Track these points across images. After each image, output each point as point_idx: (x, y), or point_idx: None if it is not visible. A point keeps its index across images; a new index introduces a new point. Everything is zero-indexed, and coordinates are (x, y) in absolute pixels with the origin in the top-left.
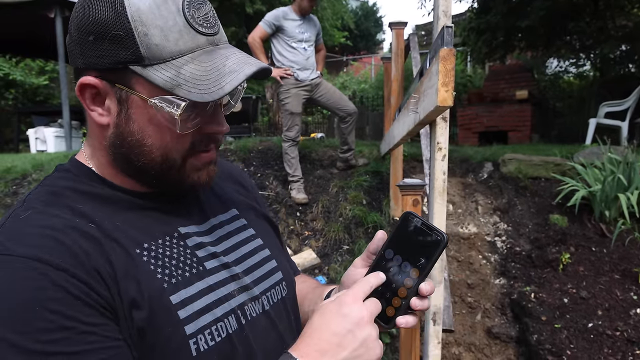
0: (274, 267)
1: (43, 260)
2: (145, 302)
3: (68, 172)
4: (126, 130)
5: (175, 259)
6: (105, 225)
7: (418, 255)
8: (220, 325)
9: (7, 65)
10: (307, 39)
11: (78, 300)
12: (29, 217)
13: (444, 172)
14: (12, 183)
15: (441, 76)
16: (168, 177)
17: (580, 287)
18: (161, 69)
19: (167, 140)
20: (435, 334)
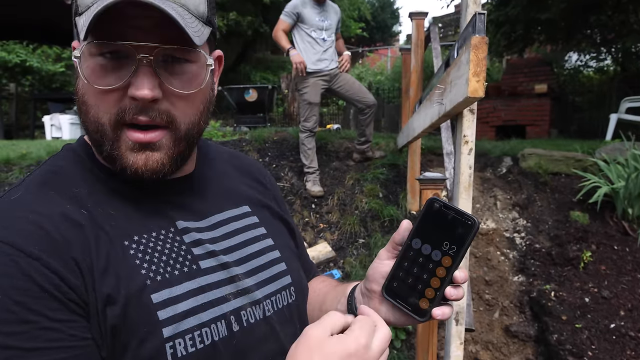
0: (282, 270)
1: (16, 245)
2: (122, 298)
3: (72, 152)
4: (77, 90)
5: (167, 255)
6: (97, 212)
7: (448, 242)
8: (205, 331)
9: (23, 52)
10: (327, 27)
11: (46, 293)
12: (18, 199)
13: (470, 166)
14: (27, 170)
15: (472, 65)
16: (103, 147)
17: (602, 286)
18: (84, 15)
19: (94, 96)
20: (458, 334)
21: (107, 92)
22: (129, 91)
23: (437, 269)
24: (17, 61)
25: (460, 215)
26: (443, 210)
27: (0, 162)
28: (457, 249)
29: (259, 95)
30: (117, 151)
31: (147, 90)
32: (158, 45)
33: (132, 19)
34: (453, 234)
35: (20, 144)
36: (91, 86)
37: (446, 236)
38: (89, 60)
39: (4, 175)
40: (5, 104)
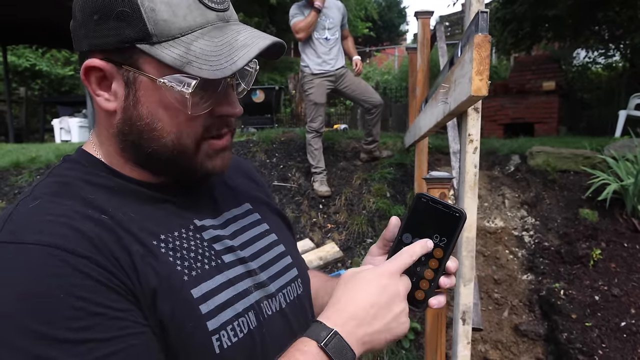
0: (289, 263)
1: (60, 246)
2: (167, 293)
3: (76, 162)
4: (135, 115)
5: (194, 251)
6: (118, 216)
7: (439, 234)
8: (242, 321)
9: (33, 56)
10: (330, 25)
11: (103, 286)
12: (39, 206)
13: (475, 165)
14: (36, 173)
15: (475, 64)
16: (180, 164)
17: (612, 284)
18: (170, 46)
19: (178, 123)
20: (465, 333)
21: (197, 117)
22: (222, 110)
23: (429, 261)
24: (26, 65)
25: (447, 208)
26: (431, 205)
27: (11, 165)
28: (447, 240)
29: (266, 96)
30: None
31: (240, 108)
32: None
33: None
34: (442, 226)
35: (30, 147)
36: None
37: (436, 229)
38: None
39: (14, 179)
40: (16, 107)
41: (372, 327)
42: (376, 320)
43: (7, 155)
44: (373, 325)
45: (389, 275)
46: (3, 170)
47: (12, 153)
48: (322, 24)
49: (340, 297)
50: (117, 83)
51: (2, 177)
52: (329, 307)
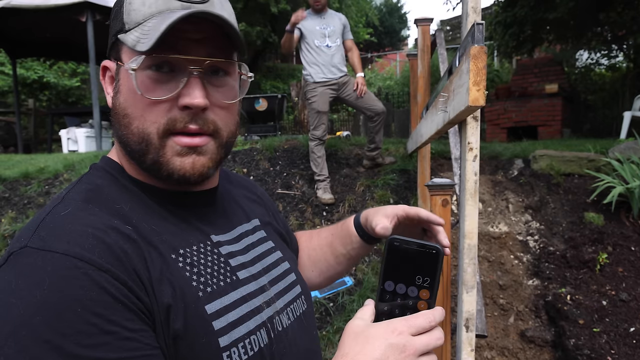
0: (294, 280)
1: (85, 258)
2: (181, 309)
3: (103, 170)
4: (117, 104)
5: (210, 267)
6: (142, 227)
7: (420, 275)
8: (253, 339)
9: (41, 68)
10: (330, 33)
11: (120, 304)
12: (70, 214)
13: (475, 173)
14: (45, 183)
15: (472, 75)
16: (148, 159)
17: (620, 288)
18: (133, 32)
19: (142, 108)
20: (468, 340)
21: (156, 103)
22: (182, 101)
23: (417, 303)
24: (35, 77)
25: (423, 247)
26: (405, 247)
27: (20, 176)
28: (430, 279)
29: (269, 104)
30: (163, 157)
31: (201, 99)
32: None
33: (184, 32)
34: (422, 266)
35: (39, 158)
36: (142, 98)
37: (416, 270)
38: (138, 73)
39: (24, 189)
40: (24, 119)
41: None
42: None
43: (16, 165)
44: None
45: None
46: (13, 181)
47: (21, 164)
48: (323, 32)
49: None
50: (115, 78)
51: (12, 187)
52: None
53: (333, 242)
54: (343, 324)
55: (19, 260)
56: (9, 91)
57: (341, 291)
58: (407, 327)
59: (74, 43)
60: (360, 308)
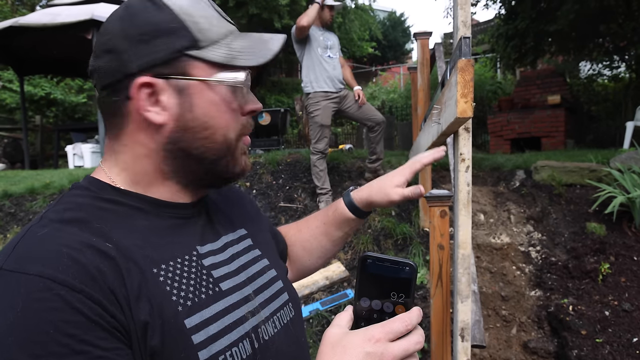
0: (280, 288)
1: (58, 280)
2: (158, 325)
3: (86, 189)
4: (190, 119)
5: (193, 279)
6: (122, 243)
7: (395, 291)
8: (235, 351)
9: (48, 85)
10: (331, 46)
11: (93, 323)
12: (46, 234)
13: (468, 183)
14: (50, 198)
15: (460, 87)
16: (222, 162)
17: (623, 299)
18: (215, 48)
19: (227, 118)
20: (464, 350)
21: (235, 111)
22: (250, 106)
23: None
24: (42, 94)
25: (396, 264)
26: (378, 264)
27: (26, 191)
28: (405, 295)
29: (272, 118)
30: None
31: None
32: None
33: None
34: (396, 282)
35: (45, 173)
36: (227, 108)
37: (391, 287)
38: (215, 87)
39: (29, 204)
40: (31, 135)
41: None
42: None
43: (22, 181)
44: None
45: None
46: (18, 196)
47: (27, 179)
48: (325, 43)
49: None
50: (166, 95)
51: (18, 202)
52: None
53: (328, 230)
54: None
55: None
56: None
57: (342, 303)
58: (384, 333)
59: (80, 60)
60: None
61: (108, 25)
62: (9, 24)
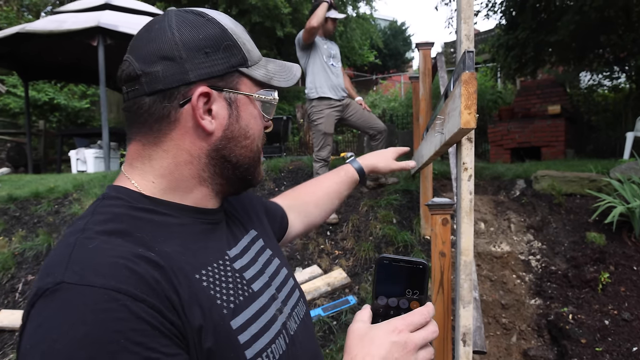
0: (293, 285)
1: (122, 290)
2: (211, 329)
3: (119, 199)
4: (236, 129)
5: (231, 282)
6: (165, 251)
7: (410, 289)
8: (274, 347)
9: (52, 90)
10: (334, 55)
11: (156, 330)
12: (97, 247)
13: (470, 192)
14: (55, 202)
15: (463, 99)
16: (251, 169)
17: (622, 308)
18: (257, 68)
19: (260, 130)
20: (466, 355)
21: (262, 124)
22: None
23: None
24: (45, 99)
25: (410, 263)
26: (393, 264)
27: (31, 195)
28: (419, 292)
29: (274, 125)
30: (259, 167)
31: None
32: None
33: None
34: (411, 280)
35: (49, 177)
36: (262, 121)
37: (405, 284)
38: (255, 102)
39: (34, 208)
40: (35, 139)
41: None
42: None
43: (27, 185)
44: None
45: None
46: (23, 200)
47: (32, 183)
48: (329, 51)
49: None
50: (218, 105)
51: (23, 206)
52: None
53: (339, 189)
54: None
55: (57, 296)
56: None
57: (344, 310)
58: (405, 325)
59: (84, 66)
60: (358, 311)
61: (164, 33)
62: (16, 30)
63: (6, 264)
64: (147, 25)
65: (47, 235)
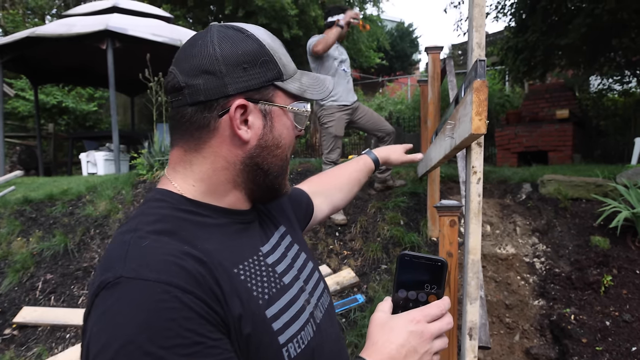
0: (318, 277)
1: (174, 284)
2: (249, 317)
3: (163, 201)
4: (270, 138)
5: (265, 276)
6: (207, 249)
7: (428, 283)
8: (303, 334)
9: (60, 93)
10: (344, 59)
11: (203, 319)
12: (149, 245)
13: (479, 194)
14: (69, 204)
15: (475, 106)
16: (280, 177)
17: (624, 310)
18: (291, 82)
19: (291, 139)
20: (472, 348)
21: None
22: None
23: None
24: (54, 102)
25: (430, 261)
26: (414, 261)
27: (45, 197)
28: (437, 287)
29: None
30: (286, 176)
31: None
32: None
33: None
34: (429, 276)
35: (61, 180)
36: (294, 132)
37: (425, 280)
38: (288, 114)
39: (49, 210)
40: (44, 142)
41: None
42: (406, 358)
43: (41, 187)
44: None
45: (416, 322)
46: (39, 202)
47: (45, 186)
48: (341, 57)
49: (378, 339)
50: (254, 116)
51: (38, 208)
52: (369, 346)
53: (359, 176)
54: (355, 339)
55: (117, 288)
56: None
57: (353, 308)
58: (423, 316)
59: (92, 69)
60: (380, 302)
61: (206, 48)
62: (26, 34)
63: (25, 263)
64: (191, 39)
65: (63, 236)
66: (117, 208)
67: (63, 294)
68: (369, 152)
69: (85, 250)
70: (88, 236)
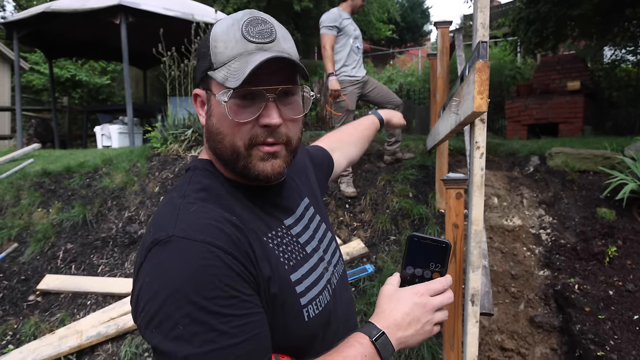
0: (335, 247)
1: (216, 245)
2: (277, 279)
3: (205, 170)
4: (210, 124)
5: (290, 244)
6: (241, 217)
7: (433, 262)
8: (321, 298)
9: (73, 67)
10: (358, 35)
11: (239, 277)
12: (197, 211)
13: (482, 168)
14: (86, 176)
15: (477, 85)
16: (239, 165)
17: (627, 280)
18: (221, 70)
19: (231, 128)
20: (474, 313)
21: (242, 124)
22: (263, 121)
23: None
24: (68, 76)
25: (436, 242)
26: (422, 242)
27: (63, 170)
28: (441, 265)
29: None
30: (251, 163)
31: (277, 119)
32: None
33: (260, 68)
34: (435, 256)
35: (77, 153)
36: (232, 120)
37: (430, 259)
38: (228, 102)
39: (67, 182)
40: (60, 115)
41: (407, 332)
42: (410, 326)
43: (58, 160)
44: (408, 330)
45: (420, 294)
46: (57, 174)
47: (62, 158)
48: (355, 33)
49: (385, 308)
50: (205, 104)
51: (57, 180)
52: (377, 313)
53: (369, 134)
54: (364, 308)
55: (169, 245)
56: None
57: (362, 277)
58: (426, 290)
59: (105, 43)
60: (389, 277)
61: None
62: (42, 10)
63: (47, 233)
64: None
65: (82, 207)
66: (133, 180)
67: (83, 263)
68: (374, 112)
69: (103, 221)
70: (105, 207)
